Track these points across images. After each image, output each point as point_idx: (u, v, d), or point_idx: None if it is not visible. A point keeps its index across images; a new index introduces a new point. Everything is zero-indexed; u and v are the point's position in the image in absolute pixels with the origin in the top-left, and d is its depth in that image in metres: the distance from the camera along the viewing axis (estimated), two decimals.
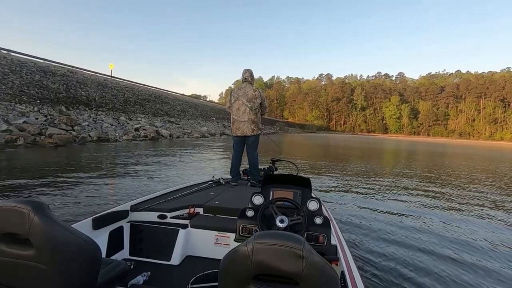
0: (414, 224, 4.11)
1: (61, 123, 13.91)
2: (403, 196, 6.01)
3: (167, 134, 20.93)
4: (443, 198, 6.08)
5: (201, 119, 37.76)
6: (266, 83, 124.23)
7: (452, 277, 2.60)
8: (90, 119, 17.62)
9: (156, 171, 7.45)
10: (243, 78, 3.74)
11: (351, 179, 7.84)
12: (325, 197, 5.51)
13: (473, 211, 5.12)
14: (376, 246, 3.22)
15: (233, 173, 3.60)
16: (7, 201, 0.90)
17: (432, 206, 5.33)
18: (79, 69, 25.93)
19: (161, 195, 2.54)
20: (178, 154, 11.58)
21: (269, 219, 1.62)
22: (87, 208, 3.97)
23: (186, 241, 2.07)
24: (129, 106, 25.39)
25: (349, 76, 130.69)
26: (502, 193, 6.92)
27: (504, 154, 24.77)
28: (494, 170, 11.91)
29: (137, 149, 12.38)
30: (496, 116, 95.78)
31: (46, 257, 0.89)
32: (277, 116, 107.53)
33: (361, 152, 19.55)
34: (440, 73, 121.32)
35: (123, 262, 1.32)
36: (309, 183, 1.88)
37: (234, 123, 3.67)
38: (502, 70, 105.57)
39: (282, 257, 0.73)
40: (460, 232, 3.89)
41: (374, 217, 4.36)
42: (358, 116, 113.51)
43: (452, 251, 3.20)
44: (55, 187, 5.10)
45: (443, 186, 7.49)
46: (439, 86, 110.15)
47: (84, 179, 5.86)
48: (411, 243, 3.36)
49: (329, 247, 1.58)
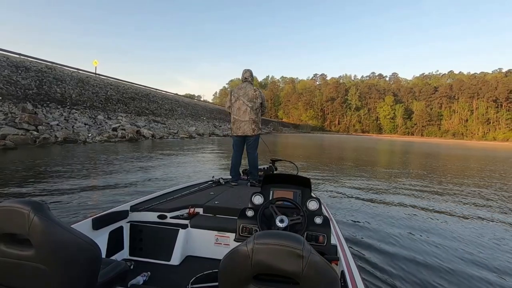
0: (414, 224, 4.11)
1: (22, 122, 12.35)
2: (403, 196, 5.97)
3: (149, 134, 19.43)
4: (443, 198, 6.03)
5: (190, 119, 36.20)
6: (260, 83, 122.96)
7: (452, 276, 2.60)
8: (62, 118, 16.03)
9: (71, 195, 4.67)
10: (243, 78, 3.73)
11: (351, 179, 7.69)
12: (325, 197, 5.48)
13: (474, 210, 5.09)
14: (376, 246, 3.20)
15: (233, 173, 3.58)
16: (7, 202, 0.90)
17: (432, 205, 5.31)
18: (59, 65, 24.29)
19: (161, 195, 2.52)
20: (147, 159, 10.14)
21: (269, 219, 1.62)
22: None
23: (186, 241, 2.05)
24: (110, 104, 23.74)
25: (344, 76, 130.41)
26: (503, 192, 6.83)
27: (500, 154, 23.96)
28: (493, 170, 11.17)
29: (103, 153, 10.87)
30: (489, 117, 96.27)
31: (46, 257, 0.89)
32: (272, 116, 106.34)
33: (358, 153, 18.46)
34: (433, 73, 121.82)
35: (123, 262, 1.32)
36: (309, 183, 1.87)
37: (234, 123, 3.64)
38: (494, 71, 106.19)
39: (282, 257, 0.73)
40: (459, 232, 3.88)
41: (374, 217, 4.35)
42: (352, 116, 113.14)
43: (451, 251, 3.19)
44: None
45: (442, 186, 7.40)
46: (432, 87, 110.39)
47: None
48: (411, 243, 3.36)
49: (329, 247, 1.58)
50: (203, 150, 14.98)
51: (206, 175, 5.42)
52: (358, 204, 5.10)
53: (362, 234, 3.57)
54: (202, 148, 16.07)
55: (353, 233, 3.55)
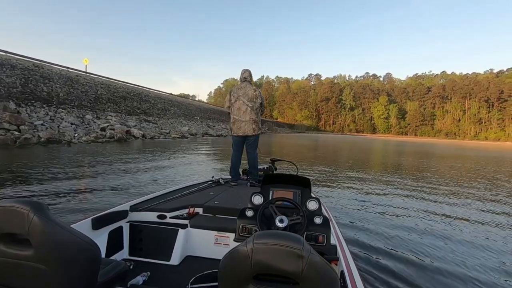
0: (414, 224, 4.09)
1: (3, 122, 11.78)
2: (402, 196, 5.95)
3: (139, 134, 18.91)
4: (443, 197, 6.03)
5: (183, 118, 35.64)
6: (255, 83, 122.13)
7: (452, 276, 2.60)
8: (47, 118, 15.43)
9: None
10: (242, 78, 3.71)
11: (350, 179, 7.63)
12: (324, 197, 5.44)
13: (474, 210, 5.12)
14: (376, 245, 3.19)
15: (233, 173, 3.56)
16: (6, 201, 0.89)
17: (432, 206, 5.30)
18: (48, 63, 23.57)
19: (160, 195, 2.50)
20: (130, 161, 9.68)
21: (268, 219, 1.62)
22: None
23: (185, 241, 2.05)
24: (99, 103, 23.11)
25: (338, 76, 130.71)
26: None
27: (495, 154, 24.06)
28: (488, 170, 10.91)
29: (85, 154, 10.39)
30: (480, 116, 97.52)
31: (46, 257, 0.89)
32: (266, 116, 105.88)
33: (355, 153, 18.26)
34: (426, 74, 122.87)
35: (123, 262, 1.32)
36: (309, 183, 1.87)
37: (235, 123, 3.62)
38: (486, 71, 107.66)
39: (282, 257, 0.73)
40: (459, 231, 3.89)
41: (373, 217, 4.34)
42: (347, 116, 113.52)
43: (451, 250, 3.20)
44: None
45: (441, 186, 7.39)
46: (425, 87, 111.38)
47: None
48: (411, 243, 3.35)
49: (329, 247, 1.58)
50: (193, 151, 14.53)
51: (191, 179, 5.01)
52: (357, 204, 5.07)
53: (361, 234, 3.55)
54: (192, 149, 15.63)
55: (352, 233, 3.54)
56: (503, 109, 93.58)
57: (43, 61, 23.26)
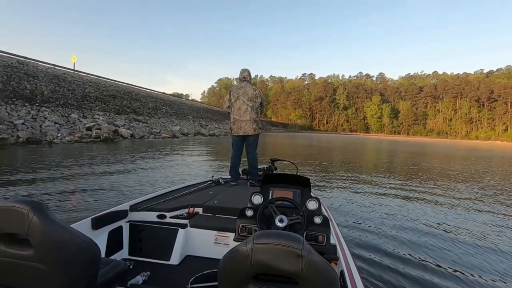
0: (414, 224, 4.06)
1: None
2: (402, 196, 5.92)
3: (128, 134, 18.27)
4: (443, 198, 5.98)
5: (175, 118, 34.92)
6: None
7: (452, 276, 2.57)
8: (29, 117, 14.68)
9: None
10: (241, 77, 3.72)
11: (349, 180, 7.55)
12: (324, 197, 5.45)
13: (472, 209, 5.12)
14: (376, 245, 3.16)
15: (233, 172, 3.56)
16: (5, 201, 0.89)
17: (432, 206, 5.27)
18: (33, 60, 22.71)
19: (160, 195, 2.49)
20: (111, 163, 9.13)
21: (268, 218, 1.62)
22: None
23: (185, 241, 2.04)
24: (87, 102, 22.32)
25: (332, 76, 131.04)
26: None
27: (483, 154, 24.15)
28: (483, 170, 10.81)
29: (64, 155, 9.78)
30: (471, 116, 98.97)
31: (45, 257, 0.89)
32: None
33: (352, 152, 17.93)
34: (418, 73, 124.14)
35: (123, 262, 1.31)
36: (309, 182, 1.86)
37: (235, 123, 3.62)
38: (476, 71, 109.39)
39: (282, 257, 0.73)
40: (459, 231, 3.86)
41: (373, 217, 4.30)
42: (340, 116, 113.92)
43: (451, 250, 3.16)
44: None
45: (441, 186, 7.30)
46: (418, 87, 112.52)
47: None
48: (411, 243, 3.31)
49: (329, 247, 1.58)
50: (182, 152, 14.01)
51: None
52: (357, 204, 5.07)
53: (361, 234, 3.53)
54: (180, 149, 15.09)
55: (352, 233, 3.52)
56: (493, 109, 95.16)
57: (29, 58, 22.41)
